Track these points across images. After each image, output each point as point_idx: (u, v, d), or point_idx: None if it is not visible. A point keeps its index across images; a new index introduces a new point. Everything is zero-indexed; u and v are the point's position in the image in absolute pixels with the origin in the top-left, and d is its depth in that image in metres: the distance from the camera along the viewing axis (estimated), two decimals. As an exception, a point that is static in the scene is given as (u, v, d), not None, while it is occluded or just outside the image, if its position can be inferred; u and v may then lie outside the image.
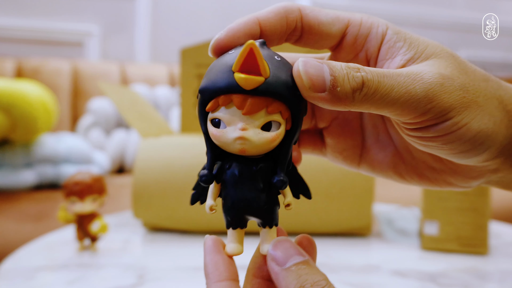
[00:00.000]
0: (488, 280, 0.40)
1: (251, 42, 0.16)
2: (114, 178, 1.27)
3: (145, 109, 0.66)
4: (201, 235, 0.54)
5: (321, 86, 0.17)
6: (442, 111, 0.18)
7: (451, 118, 0.19)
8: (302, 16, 0.21)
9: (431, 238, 0.49)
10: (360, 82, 0.18)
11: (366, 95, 0.18)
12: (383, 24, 0.21)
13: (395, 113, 0.19)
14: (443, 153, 0.20)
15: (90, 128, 1.41)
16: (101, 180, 0.47)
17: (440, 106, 0.18)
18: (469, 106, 0.19)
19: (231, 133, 0.17)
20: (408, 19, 2.27)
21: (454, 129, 0.19)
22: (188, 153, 0.55)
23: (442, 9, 2.34)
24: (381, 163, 0.24)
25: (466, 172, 0.22)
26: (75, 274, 0.41)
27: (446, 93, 0.18)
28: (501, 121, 0.20)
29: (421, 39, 0.21)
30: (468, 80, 0.20)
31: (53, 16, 1.71)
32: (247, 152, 0.17)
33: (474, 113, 0.19)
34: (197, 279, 0.40)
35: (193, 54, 0.70)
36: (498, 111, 0.20)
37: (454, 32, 2.37)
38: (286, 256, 0.17)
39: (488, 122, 0.19)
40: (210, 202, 0.18)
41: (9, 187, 1.02)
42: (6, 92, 0.96)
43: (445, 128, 0.19)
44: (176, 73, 1.65)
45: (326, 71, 0.17)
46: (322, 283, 0.17)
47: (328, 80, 0.17)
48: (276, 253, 0.18)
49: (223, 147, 0.18)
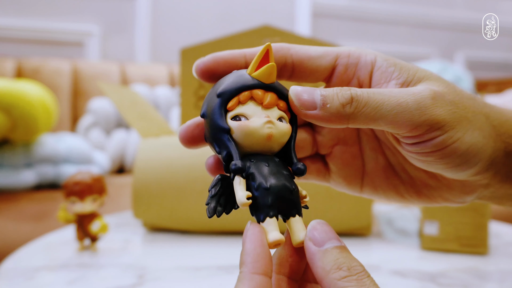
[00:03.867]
0: (488, 280, 0.40)
1: (268, 44, 0.19)
2: (114, 178, 1.27)
3: (145, 109, 0.66)
4: (201, 235, 0.54)
5: (312, 105, 0.19)
6: (436, 124, 0.20)
7: (446, 132, 0.20)
8: (292, 53, 0.22)
9: (431, 238, 0.49)
10: (348, 98, 0.19)
11: (357, 108, 0.19)
12: (371, 54, 0.22)
13: (390, 126, 0.20)
14: (439, 167, 0.21)
15: (90, 128, 1.41)
16: (101, 180, 0.47)
17: (433, 119, 0.20)
18: (461, 121, 0.20)
19: (258, 120, 0.18)
20: (408, 19, 2.26)
21: (449, 143, 0.20)
22: (188, 153, 0.55)
23: (442, 9, 2.34)
24: (382, 185, 0.25)
25: (460, 188, 0.23)
26: (75, 274, 0.41)
27: (438, 107, 0.20)
28: (489, 135, 0.21)
29: (409, 64, 0.22)
30: (458, 97, 0.21)
31: (53, 16, 1.71)
32: (272, 139, 0.19)
33: (466, 128, 0.20)
34: (197, 279, 0.40)
35: (193, 54, 0.70)
36: (486, 126, 0.21)
37: (454, 32, 2.37)
38: (325, 238, 0.18)
39: (478, 136, 0.21)
40: (245, 193, 0.18)
41: (9, 187, 1.02)
42: (6, 92, 0.96)
43: (441, 142, 0.20)
44: (176, 73, 1.65)
45: (316, 93, 0.19)
46: (359, 269, 0.17)
47: (319, 99, 0.19)
48: (315, 234, 0.18)
49: (247, 138, 0.19)
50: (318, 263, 0.17)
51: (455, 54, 2.39)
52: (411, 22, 2.28)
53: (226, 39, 0.70)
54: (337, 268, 0.17)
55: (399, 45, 2.26)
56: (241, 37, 0.70)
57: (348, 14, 2.17)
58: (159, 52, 1.86)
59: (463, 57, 2.39)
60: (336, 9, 2.15)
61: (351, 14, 2.17)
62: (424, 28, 2.31)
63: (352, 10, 2.17)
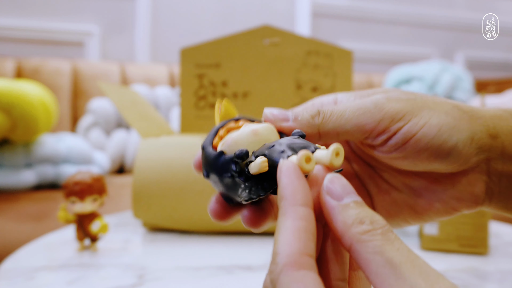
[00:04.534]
0: (488, 280, 0.40)
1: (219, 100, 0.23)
2: (114, 178, 1.27)
3: (145, 109, 0.66)
4: (201, 235, 0.54)
5: (285, 118, 0.22)
6: (396, 115, 0.21)
7: (409, 120, 0.21)
8: None
9: (431, 238, 0.49)
10: (315, 111, 0.22)
11: (324, 118, 0.22)
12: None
13: (356, 130, 0.22)
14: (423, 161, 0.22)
15: (90, 128, 1.41)
16: (101, 180, 0.47)
17: (390, 111, 0.21)
18: (421, 108, 0.21)
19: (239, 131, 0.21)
20: (408, 19, 2.26)
21: (417, 130, 0.21)
22: (188, 153, 0.55)
23: (442, 9, 2.34)
24: (393, 207, 0.26)
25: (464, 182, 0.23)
26: (75, 274, 0.41)
27: (393, 102, 0.22)
28: (460, 117, 0.22)
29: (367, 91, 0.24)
30: (414, 96, 0.22)
31: (53, 16, 1.71)
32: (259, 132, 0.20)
33: (429, 114, 0.21)
34: (197, 279, 0.40)
35: (193, 54, 0.70)
36: (454, 111, 0.22)
37: (454, 32, 2.37)
38: (344, 191, 0.17)
39: (446, 118, 0.21)
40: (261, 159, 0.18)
41: (9, 187, 1.02)
42: (6, 92, 0.96)
43: (408, 131, 0.21)
44: (176, 73, 1.65)
45: (288, 111, 0.22)
46: (382, 223, 0.16)
47: (290, 114, 0.22)
48: (334, 186, 0.17)
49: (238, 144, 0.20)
50: (338, 217, 0.16)
51: (455, 54, 2.39)
52: (411, 22, 2.28)
53: (226, 39, 0.70)
54: (360, 222, 0.16)
55: (399, 45, 2.26)
56: (241, 37, 0.70)
57: (348, 14, 2.17)
58: (159, 52, 1.86)
59: (463, 57, 2.39)
60: (336, 9, 2.15)
61: (351, 14, 2.17)
62: (424, 28, 2.31)
63: (352, 10, 2.17)
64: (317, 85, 0.69)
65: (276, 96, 0.70)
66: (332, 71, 0.69)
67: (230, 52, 0.70)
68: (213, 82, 0.70)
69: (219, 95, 0.70)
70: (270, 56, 0.70)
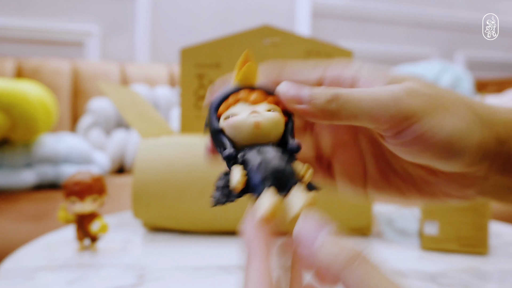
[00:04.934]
0: (488, 280, 0.40)
1: (246, 50, 0.22)
2: (114, 178, 1.27)
3: (145, 109, 0.66)
4: (201, 235, 0.54)
5: (298, 100, 0.21)
6: (409, 111, 0.21)
7: (421, 118, 0.21)
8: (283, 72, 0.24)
9: (431, 238, 0.49)
10: (333, 94, 0.21)
11: (340, 104, 0.21)
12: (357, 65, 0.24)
13: (370, 120, 0.21)
14: (428, 157, 0.22)
15: (90, 128, 1.41)
16: (101, 180, 0.47)
17: (406, 108, 0.21)
18: (437, 109, 0.21)
19: (244, 113, 0.20)
20: (408, 19, 2.26)
21: (427, 129, 0.21)
22: (188, 153, 0.55)
23: (442, 9, 2.34)
24: (384, 185, 0.26)
25: (459, 181, 0.24)
26: (75, 274, 0.41)
27: (411, 97, 0.21)
28: (473, 122, 0.21)
29: (393, 70, 0.23)
30: (435, 91, 0.22)
31: (53, 16, 1.71)
32: (261, 125, 0.20)
33: (443, 115, 0.21)
34: (197, 279, 0.40)
35: (193, 54, 0.70)
36: (468, 114, 0.22)
37: (454, 32, 2.37)
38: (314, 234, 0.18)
39: (459, 123, 0.21)
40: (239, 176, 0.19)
41: (9, 187, 1.02)
42: (6, 92, 0.96)
43: (418, 129, 0.21)
44: (176, 73, 1.65)
45: (304, 89, 0.21)
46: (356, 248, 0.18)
47: (306, 94, 0.21)
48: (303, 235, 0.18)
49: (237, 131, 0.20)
50: (319, 261, 0.17)
51: (455, 54, 2.39)
52: (411, 22, 2.28)
53: (226, 39, 0.70)
54: (339, 255, 0.17)
55: (399, 45, 2.26)
56: (241, 37, 0.70)
57: (348, 14, 2.17)
58: (159, 52, 1.86)
59: (463, 57, 2.39)
60: (336, 9, 2.15)
61: (351, 14, 2.17)
62: (424, 28, 2.31)
63: (352, 10, 2.17)
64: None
65: (276, 96, 0.70)
66: (332, 71, 0.69)
67: (230, 52, 0.70)
68: (213, 82, 0.70)
69: (219, 95, 0.70)
70: (270, 56, 0.70)
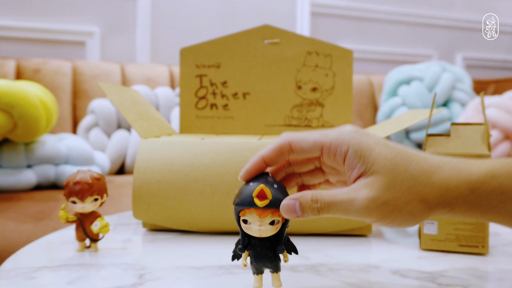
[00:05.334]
0: (488, 280, 0.41)
1: (262, 185, 0.31)
2: (114, 178, 1.27)
3: (146, 109, 0.66)
4: (201, 235, 0.55)
5: (295, 214, 0.31)
6: (370, 218, 0.31)
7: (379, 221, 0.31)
8: (291, 147, 0.33)
9: (431, 238, 0.49)
10: (316, 210, 0.31)
11: (322, 214, 0.31)
12: (345, 145, 0.32)
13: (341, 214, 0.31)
14: None
15: (91, 129, 1.41)
16: (102, 180, 0.47)
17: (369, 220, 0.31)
18: (391, 213, 0.30)
19: (254, 227, 0.32)
20: (408, 19, 2.27)
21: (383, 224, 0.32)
22: (188, 153, 0.55)
23: (441, 10, 2.34)
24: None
25: None
26: (75, 274, 0.41)
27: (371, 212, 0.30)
28: (421, 212, 0.31)
29: (372, 155, 0.31)
30: (392, 195, 0.30)
31: (53, 16, 1.71)
32: (262, 234, 0.32)
33: (395, 216, 0.31)
34: (198, 279, 0.40)
35: (193, 54, 0.70)
36: (417, 207, 0.31)
37: (454, 32, 2.37)
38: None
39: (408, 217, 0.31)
40: (243, 262, 0.34)
41: (10, 187, 1.02)
42: (7, 92, 0.96)
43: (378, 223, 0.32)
44: (176, 73, 1.65)
45: (297, 206, 0.31)
46: None
47: (299, 210, 0.31)
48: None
49: (249, 233, 0.32)
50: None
51: (455, 55, 2.39)
52: (411, 22, 2.28)
53: (226, 39, 0.70)
54: None
55: (399, 45, 2.26)
56: (241, 37, 0.70)
57: (348, 14, 2.17)
58: (159, 53, 1.86)
59: (463, 57, 2.39)
60: (335, 9, 2.15)
61: (350, 14, 2.17)
62: (424, 28, 2.31)
63: (352, 10, 2.17)
64: (317, 85, 0.69)
65: (276, 96, 0.70)
66: (332, 71, 0.69)
67: (230, 52, 0.70)
68: (213, 82, 0.70)
69: (219, 95, 0.70)
70: (270, 56, 0.70)
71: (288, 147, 0.33)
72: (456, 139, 0.49)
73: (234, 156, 0.54)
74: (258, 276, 0.34)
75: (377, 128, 0.65)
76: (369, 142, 0.31)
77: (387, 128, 0.61)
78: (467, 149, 0.48)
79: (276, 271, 0.33)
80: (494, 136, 1.41)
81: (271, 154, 0.33)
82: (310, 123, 0.70)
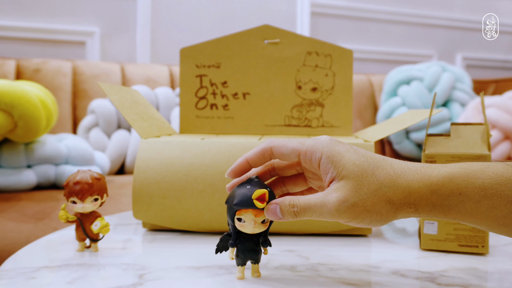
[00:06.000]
0: (488, 280, 0.41)
1: (265, 190, 0.35)
2: (114, 178, 1.27)
3: (146, 109, 0.66)
4: (201, 235, 0.55)
5: (277, 217, 0.35)
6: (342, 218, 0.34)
7: (350, 221, 0.34)
8: (273, 152, 0.37)
9: (431, 238, 0.49)
10: (293, 213, 0.35)
11: (300, 217, 0.35)
12: (319, 152, 0.35)
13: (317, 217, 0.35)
14: None
15: (91, 129, 1.41)
16: (102, 180, 0.47)
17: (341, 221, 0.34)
18: (361, 213, 0.33)
19: (249, 225, 0.36)
20: (408, 19, 2.26)
21: (354, 224, 0.34)
22: (188, 153, 0.55)
23: (441, 10, 2.34)
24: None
25: None
26: (75, 274, 0.41)
27: (341, 213, 0.33)
28: (388, 212, 0.34)
29: (343, 161, 0.34)
30: (360, 197, 0.33)
31: (54, 17, 1.71)
32: (255, 232, 0.37)
33: (365, 216, 0.33)
34: (198, 279, 0.40)
35: (193, 54, 0.70)
36: (384, 208, 0.33)
37: (454, 32, 2.37)
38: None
39: (376, 217, 0.34)
40: (231, 255, 0.39)
41: (10, 187, 1.02)
42: (7, 92, 0.96)
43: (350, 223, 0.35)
44: (176, 73, 1.65)
45: (278, 210, 0.35)
46: None
47: (279, 214, 0.35)
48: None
49: (243, 230, 0.37)
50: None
51: (455, 55, 2.39)
52: (411, 22, 2.28)
53: (226, 39, 0.70)
54: None
55: (399, 45, 2.26)
56: (241, 37, 0.70)
57: (348, 14, 2.17)
58: (159, 53, 1.86)
59: (463, 57, 2.39)
60: (335, 9, 2.15)
61: (351, 14, 2.17)
62: (424, 28, 2.31)
63: (352, 10, 2.17)
64: (317, 85, 0.69)
65: (276, 96, 0.70)
66: (332, 71, 0.69)
67: (230, 52, 0.70)
68: (213, 82, 0.70)
69: (219, 95, 0.70)
70: (270, 56, 0.70)
71: (270, 152, 0.37)
72: (456, 139, 0.49)
73: (234, 156, 0.54)
74: (241, 267, 0.39)
75: (377, 128, 0.65)
76: (340, 149, 0.35)
77: (387, 128, 0.61)
78: (467, 149, 0.48)
79: (257, 262, 0.39)
80: (494, 136, 1.41)
81: (254, 156, 0.37)
82: (310, 123, 0.70)
